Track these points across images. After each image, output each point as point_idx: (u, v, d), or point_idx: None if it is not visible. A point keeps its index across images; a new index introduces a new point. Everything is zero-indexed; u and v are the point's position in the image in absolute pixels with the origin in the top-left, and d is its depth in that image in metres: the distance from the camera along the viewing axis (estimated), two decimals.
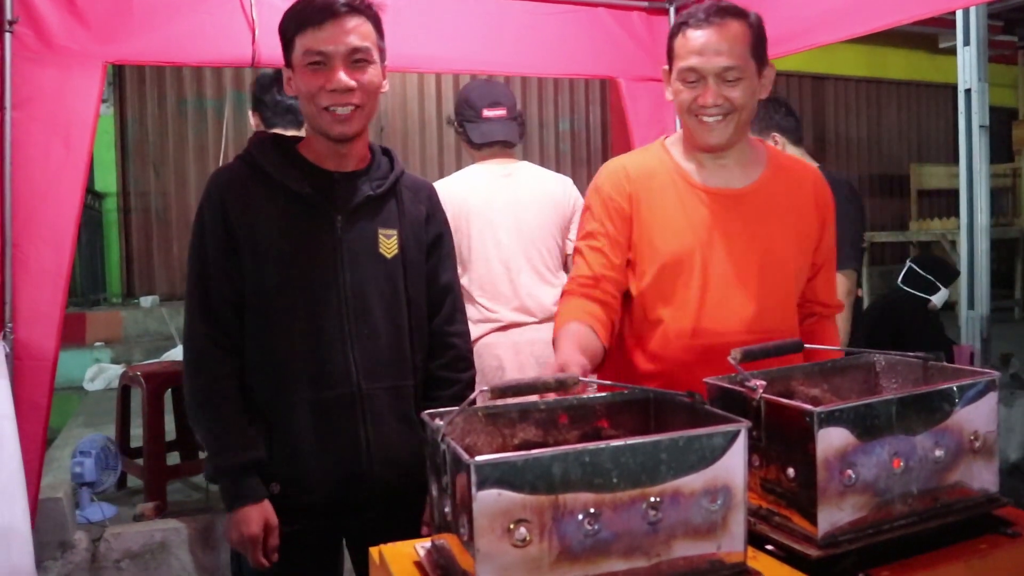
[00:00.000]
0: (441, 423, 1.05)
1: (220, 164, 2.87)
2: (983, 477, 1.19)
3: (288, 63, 1.62)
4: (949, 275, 4.46)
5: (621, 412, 1.23)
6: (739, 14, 1.59)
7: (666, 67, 1.69)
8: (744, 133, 1.67)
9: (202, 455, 3.28)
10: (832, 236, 1.78)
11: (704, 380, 1.25)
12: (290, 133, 2.60)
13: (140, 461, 3.49)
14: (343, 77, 1.54)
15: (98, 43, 2.46)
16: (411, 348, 1.66)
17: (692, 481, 0.99)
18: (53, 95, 2.40)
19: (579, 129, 9.29)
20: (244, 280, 1.58)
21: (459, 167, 3.09)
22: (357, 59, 1.56)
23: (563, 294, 1.69)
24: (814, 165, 1.87)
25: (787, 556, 1.10)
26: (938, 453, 1.14)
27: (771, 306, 1.65)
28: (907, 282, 4.44)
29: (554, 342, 1.58)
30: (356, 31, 1.56)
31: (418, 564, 1.13)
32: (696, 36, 1.57)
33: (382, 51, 1.62)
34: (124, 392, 3.72)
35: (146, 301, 7.33)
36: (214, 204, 1.59)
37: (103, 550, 3.04)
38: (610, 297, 1.66)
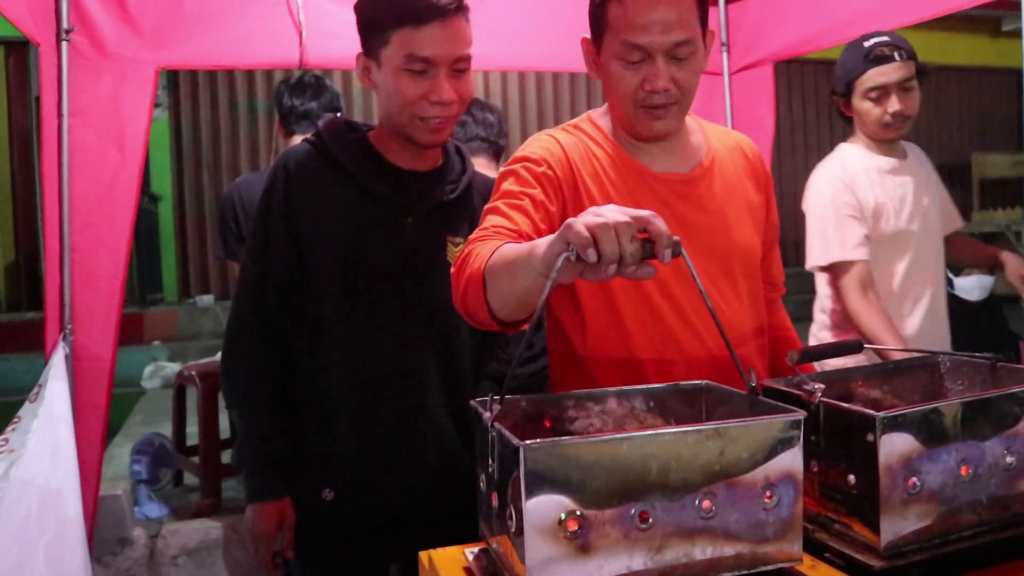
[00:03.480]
0: (488, 410, 1.00)
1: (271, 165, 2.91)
2: None
3: (372, 54, 1.50)
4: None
5: (671, 402, 1.20)
6: None
7: (586, 37, 1.42)
8: (685, 116, 1.46)
9: None
10: (775, 210, 1.60)
11: (761, 382, 1.21)
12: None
13: (196, 459, 3.55)
14: (448, 90, 1.45)
15: (150, 49, 2.50)
16: (472, 365, 1.61)
17: (751, 472, 0.95)
18: (108, 102, 2.44)
19: None
20: (302, 272, 1.53)
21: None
22: (459, 68, 1.47)
23: (468, 243, 1.27)
24: None
25: (847, 566, 1.06)
26: (1009, 460, 1.09)
27: (750, 304, 1.48)
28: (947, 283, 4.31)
29: (486, 273, 1.16)
30: (461, 36, 1.45)
31: (467, 569, 1.11)
32: (639, 5, 1.30)
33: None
34: (180, 391, 3.79)
35: (201, 300, 7.49)
36: (280, 190, 1.53)
37: (160, 546, 3.10)
38: None
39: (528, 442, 0.87)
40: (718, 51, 3.17)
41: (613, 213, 0.93)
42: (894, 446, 1.02)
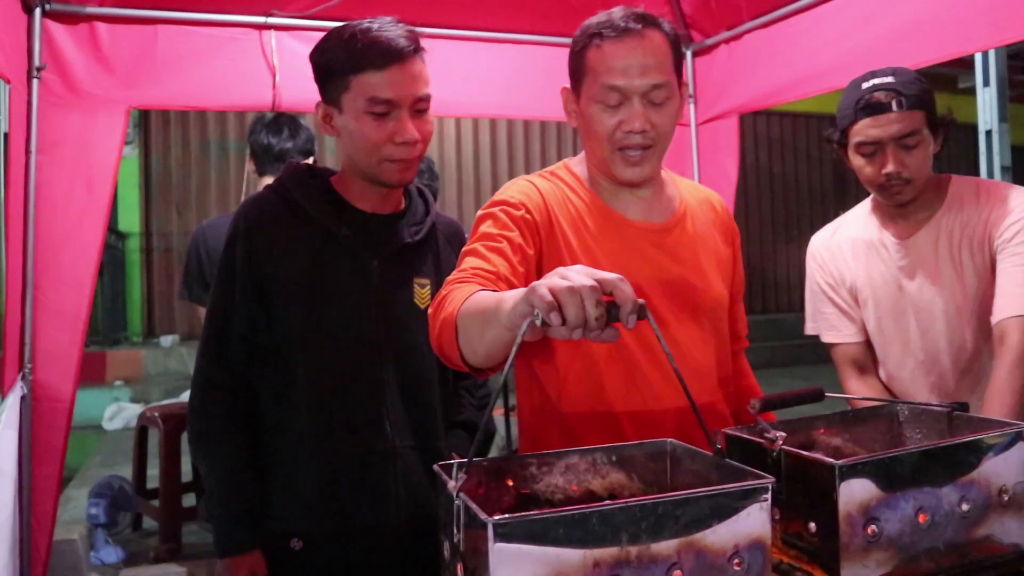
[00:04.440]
0: (453, 478, 0.99)
1: None
2: (1014, 532, 1.15)
3: (332, 100, 1.51)
4: None
5: (636, 456, 1.20)
6: (656, 23, 1.39)
7: (566, 87, 1.47)
8: (662, 163, 1.49)
9: None
10: (742, 265, 1.63)
11: (723, 431, 1.23)
12: None
13: (156, 503, 3.48)
14: (413, 130, 1.47)
15: (122, 88, 2.51)
16: (442, 406, 1.60)
17: (720, 539, 0.94)
18: (77, 140, 2.43)
19: None
20: (268, 321, 1.52)
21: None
22: (420, 108, 1.49)
23: (446, 284, 1.27)
24: None
25: None
26: (965, 507, 1.11)
27: (716, 352, 1.51)
28: None
29: (458, 320, 1.15)
30: (420, 76, 1.47)
31: None
32: (617, 50, 1.36)
33: None
34: (142, 433, 3.73)
35: (166, 341, 7.39)
36: (242, 240, 1.52)
37: None
38: None
39: (497, 518, 0.86)
40: (685, 102, 3.24)
41: (579, 276, 0.92)
42: (853, 494, 1.03)
